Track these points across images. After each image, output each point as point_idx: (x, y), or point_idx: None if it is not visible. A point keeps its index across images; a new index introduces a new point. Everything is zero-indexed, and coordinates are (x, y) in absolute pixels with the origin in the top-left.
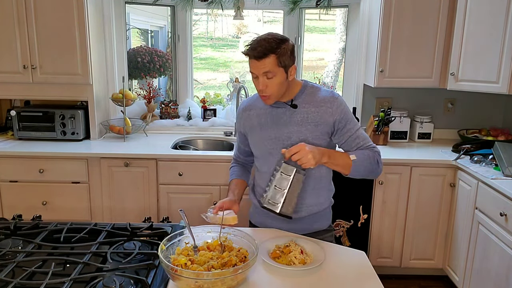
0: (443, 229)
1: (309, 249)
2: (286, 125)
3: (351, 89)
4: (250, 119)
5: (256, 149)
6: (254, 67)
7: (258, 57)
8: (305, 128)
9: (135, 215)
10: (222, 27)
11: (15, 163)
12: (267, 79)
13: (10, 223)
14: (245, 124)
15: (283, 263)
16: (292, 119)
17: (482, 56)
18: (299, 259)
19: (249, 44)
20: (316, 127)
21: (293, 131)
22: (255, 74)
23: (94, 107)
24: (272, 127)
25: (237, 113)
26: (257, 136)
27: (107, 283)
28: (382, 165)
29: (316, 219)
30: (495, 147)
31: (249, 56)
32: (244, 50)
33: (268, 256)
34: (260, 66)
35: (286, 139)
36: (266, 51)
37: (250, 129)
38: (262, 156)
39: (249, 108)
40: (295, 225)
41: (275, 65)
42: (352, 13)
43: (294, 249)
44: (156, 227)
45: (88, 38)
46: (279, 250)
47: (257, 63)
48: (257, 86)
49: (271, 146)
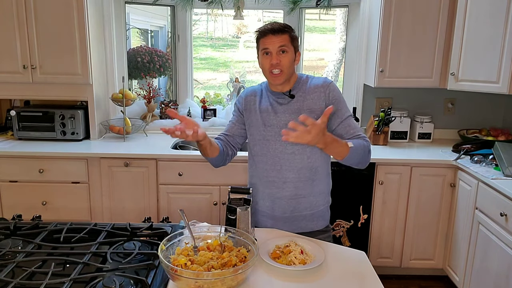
0: (443, 229)
1: (309, 249)
2: (283, 113)
3: (351, 89)
4: (254, 103)
5: (253, 134)
6: (269, 42)
7: (276, 32)
8: None
9: (135, 215)
10: (222, 27)
11: (15, 163)
12: (281, 54)
13: (10, 223)
14: (247, 105)
15: (283, 263)
16: (289, 108)
17: (482, 56)
18: (299, 259)
19: (260, 27)
20: (311, 113)
21: (290, 119)
22: (268, 49)
23: (94, 107)
24: (270, 113)
25: (239, 98)
26: (256, 120)
27: (107, 283)
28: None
29: (312, 218)
30: (495, 147)
31: (264, 34)
32: (259, 30)
33: (268, 256)
34: (276, 40)
35: (283, 126)
36: (283, 28)
37: (250, 112)
38: (259, 141)
39: (253, 94)
40: (292, 224)
41: (289, 41)
42: (352, 13)
43: (294, 249)
44: (156, 227)
45: (88, 38)
46: (279, 250)
47: (274, 38)
48: (270, 61)
49: (268, 132)
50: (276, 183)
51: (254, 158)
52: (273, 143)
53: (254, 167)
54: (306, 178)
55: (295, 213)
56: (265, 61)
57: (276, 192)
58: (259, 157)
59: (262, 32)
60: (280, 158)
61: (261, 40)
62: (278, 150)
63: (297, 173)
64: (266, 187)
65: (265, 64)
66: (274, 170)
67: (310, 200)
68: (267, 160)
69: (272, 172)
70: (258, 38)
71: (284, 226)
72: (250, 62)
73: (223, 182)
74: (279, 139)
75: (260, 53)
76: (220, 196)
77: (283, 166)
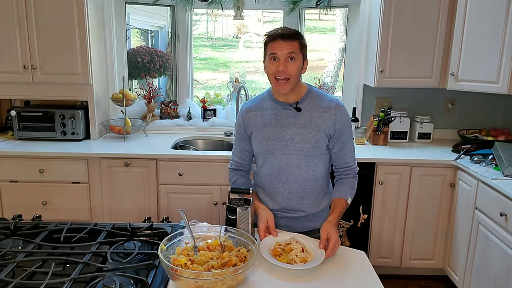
0: (443, 229)
1: (310, 247)
2: (289, 127)
3: (351, 89)
4: (255, 118)
5: (257, 147)
6: (278, 48)
7: (286, 37)
8: (308, 131)
9: (135, 215)
10: (222, 27)
11: (15, 163)
12: (289, 61)
13: (10, 223)
14: (249, 124)
15: (284, 262)
16: (296, 122)
17: (482, 56)
18: (301, 257)
19: (270, 31)
20: (318, 131)
21: (297, 133)
22: (276, 55)
23: (94, 107)
24: (275, 127)
25: (240, 115)
26: (260, 135)
27: (107, 283)
28: None
29: (313, 218)
30: (495, 147)
31: (273, 38)
32: (268, 34)
33: (269, 253)
34: (286, 46)
35: (289, 141)
36: (294, 34)
37: (254, 128)
38: (262, 155)
39: (254, 109)
40: (293, 223)
41: (298, 49)
42: (352, 13)
43: (296, 247)
44: (156, 227)
45: (88, 38)
46: (280, 248)
47: (283, 44)
48: (277, 67)
49: (273, 146)
50: (281, 194)
51: (259, 169)
52: (278, 157)
53: (258, 176)
54: (311, 189)
55: (296, 214)
56: (271, 66)
57: (281, 202)
58: (263, 169)
59: (271, 37)
60: (286, 171)
61: (270, 44)
62: (284, 163)
63: (302, 185)
64: (270, 196)
65: (271, 69)
66: (279, 182)
67: (312, 201)
68: (272, 173)
69: (278, 183)
70: (267, 42)
71: (284, 224)
72: (250, 62)
73: (223, 182)
74: (284, 152)
75: (267, 58)
76: (220, 196)
77: (289, 178)
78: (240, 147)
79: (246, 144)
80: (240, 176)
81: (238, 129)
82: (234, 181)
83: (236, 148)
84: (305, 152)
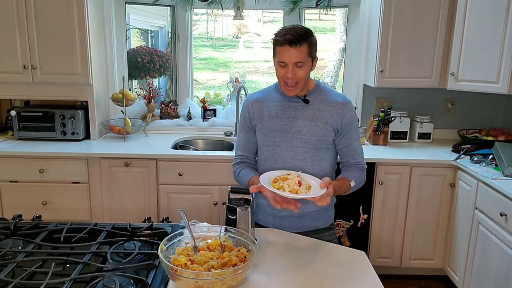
0: (443, 229)
1: (313, 185)
2: (297, 119)
3: (351, 89)
4: (261, 109)
5: (262, 139)
6: (286, 56)
7: (294, 43)
8: (315, 124)
9: (135, 215)
10: (222, 27)
11: (15, 163)
12: (297, 68)
13: (10, 223)
14: (254, 114)
15: (275, 187)
16: (304, 114)
17: (482, 56)
18: (291, 188)
19: (279, 34)
20: (325, 124)
21: (304, 126)
22: (285, 62)
23: (94, 107)
24: (282, 119)
25: (245, 105)
26: (265, 127)
27: (107, 283)
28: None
29: (317, 216)
30: (495, 147)
31: (282, 44)
32: (276, 38)
33: (269, 183)
34: (294, 55)
35: (296, 132)
36: (301, 39)
37: (260, 119)
38: (268, 147)
39: (260, 100)
40: (297, 222)
41: (306, 54)
42: (352, 13)
43: (291, 178)
44: (156, 227)
45: (88, 38)
46: (278, 177)
47: (291, 51)
48: (285, 74)
49: (279, 137)
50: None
51: (262, 162)
52: (284, 149)
53: (261, 171)
54: None
55: (299, 212)
56: (280, 71)
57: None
58: (268, 162)
59: (279, 42)
60: (291, 164)
61: (278, 48)
62: (289, 156)
63: None
64: None
65: (279, 73)
66: None
67: (314, 207)
68: (276, 167)
69: None
70: (275, 44)
71: (288, 224)
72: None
73: (223, 182)
74: (290, 144)
75: (275, 62)
76: (220, 196)
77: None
78: (244, 140)
79: (251, 135)
80: (245, 167)
81: (243, 121)
82: (238, 172)
83: (240, 141)
84: (312, 145)
